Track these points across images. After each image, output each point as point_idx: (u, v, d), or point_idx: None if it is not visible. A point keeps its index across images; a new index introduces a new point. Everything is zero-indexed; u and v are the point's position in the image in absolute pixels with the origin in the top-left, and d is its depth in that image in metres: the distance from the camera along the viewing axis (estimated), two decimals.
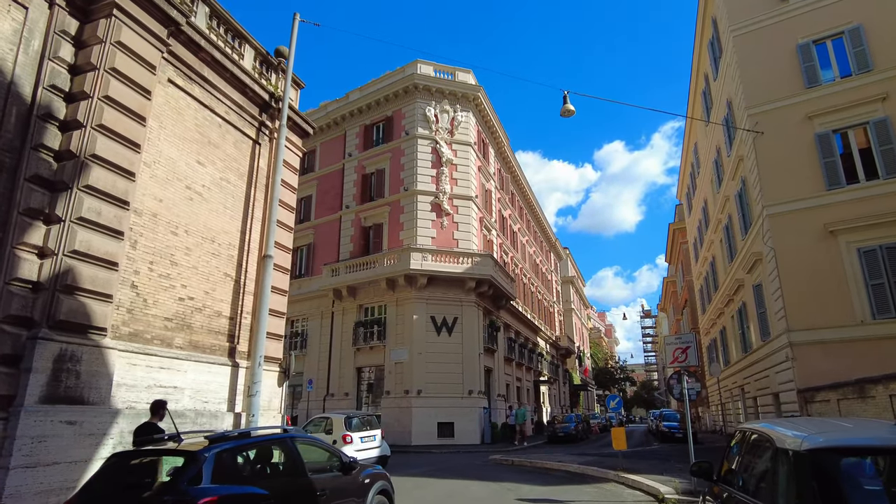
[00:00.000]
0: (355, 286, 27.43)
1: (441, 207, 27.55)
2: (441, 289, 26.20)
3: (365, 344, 26.86)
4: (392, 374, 25.55)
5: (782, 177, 18.19)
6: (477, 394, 25.59)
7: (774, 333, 18.61)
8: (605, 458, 15.58)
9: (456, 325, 26.07)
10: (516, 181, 40.71)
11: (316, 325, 29.53)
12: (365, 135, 30.76)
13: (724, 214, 25.64)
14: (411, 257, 25.33)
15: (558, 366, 51.96)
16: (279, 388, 11.89)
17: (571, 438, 28.43)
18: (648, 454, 17.49)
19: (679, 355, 10.00)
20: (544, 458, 15.47)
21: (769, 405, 20.45)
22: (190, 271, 10.25)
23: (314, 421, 15.12)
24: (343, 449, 13.26)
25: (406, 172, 28.15)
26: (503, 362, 31.38)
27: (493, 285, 27.17)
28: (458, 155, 28.82)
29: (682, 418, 27.99)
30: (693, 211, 37.42)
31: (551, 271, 55.05)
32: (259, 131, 12.50)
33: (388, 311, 26.68)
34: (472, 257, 26.51)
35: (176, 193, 10.13)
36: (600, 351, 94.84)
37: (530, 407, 37.68)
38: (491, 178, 32.83)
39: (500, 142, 35.04)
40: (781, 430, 3.49)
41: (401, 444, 23.84)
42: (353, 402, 26.78)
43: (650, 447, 21.69)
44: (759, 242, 19.50)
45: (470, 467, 14.85)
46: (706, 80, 26.78)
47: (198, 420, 9.59)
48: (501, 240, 34.23)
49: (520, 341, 36.55)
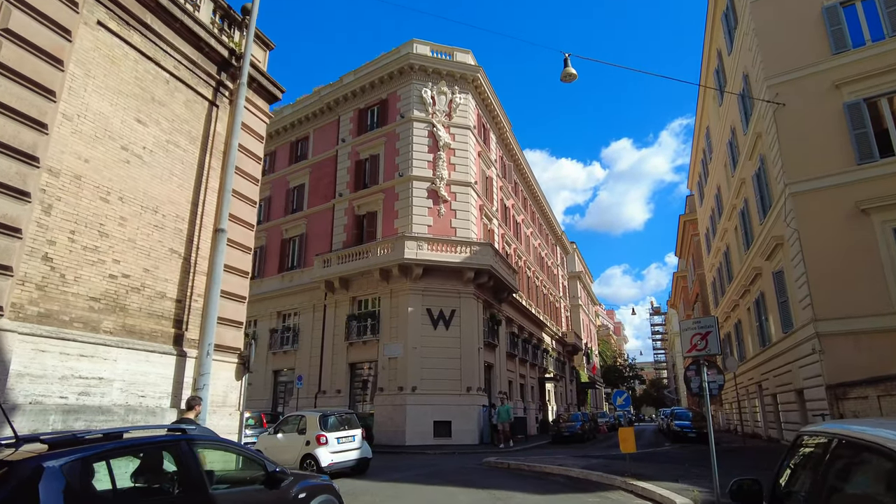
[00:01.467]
0: (348, 278, 25.99)
1: (438, 194, 26.03)
2: (438, 280, 24.70)
3: (358, 338, 25.41)
4: (386, 370, 24.09)
5: (806, 152, 16.55)
6: (476, 391, 24.08)
7: (798, 324, 16.97)
8: (611, 460, 14.03)
9: (454, 318, 24.56)
10: (520, 170, 39.10)
11: (308, 319, 28.12)
12: (359, 119, 29.31)
13: (740, 199, 23.98)
14: (405, 246, 23.84)
15: (565, 363, 50.31)
16: (237, 382, 10.44)
17: (577, 438, 26.83)
18: (660, 457, 15.90)
19: (698, 342, 8.44)
20: (544, 461, 13.93)
21: (791, 403, 18.80)
22: (125, 245, 8.82)
23: (287, 419, 13.69)
24: (317, 451, 11.87)
25: (401, 157, 26.66)
26: (505, 358, 29.83)
27: (493, 276, 25.63)
28: (457, 139, 27.29)
29: (696, 417, 26.33)
30: (705, 200, 35.69)
31: (557, 265, 53.39)
32: (217, 92, 11.05)
33: (382, 304, 25.21)
34: (471, 246, 24.98)
35: (108, 154, 8.70)
36: (609, 348, 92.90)
37: (535, 405, 36.12)
38: (492, 165, 31.27)
39: (501, 127, 33.46)
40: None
41: (394, 444, 22.41)
42: (346, 399, 25.37)
43: (662, 448, 20.08)
44: (780, 225, 17.86)
45: (461, 471, 13.36)
46: (719, 57, 25.10)
47: (129, 417, 8.16)
48: (503, 230, 32.67)
49: (523, 336, 34.97)
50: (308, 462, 12.33)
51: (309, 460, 12.32)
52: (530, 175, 41.29)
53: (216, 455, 5.02)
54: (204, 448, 4.83)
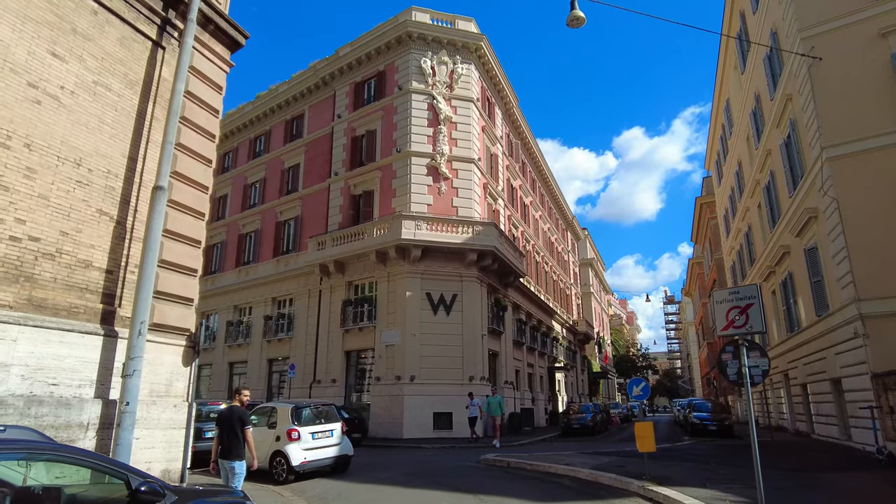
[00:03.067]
0: (343, 261, 24.44)
1: (438, 171, 24.34)
2: (438, 262, 23.07)
3: (354, 325, 23.90)
4: (383, 359, 22.56)
5: (846, 111, 14.66)
6: (479, 380, 22.49)
7: (836, 305, 15.14)
8: (626, 458, 12.38)
9: (455, 302, 22.94)
10: (528, 150, 37.24)
11: (303, 305, 26.66)
12: (355, 93, 27.63)
13: (765, 173, 22.05)
14: (403, 226, 22.21)
15: (576, 352, 48.60)
16: (185, 369, 8.91)
17: (588, 431, 25.21)
18: (681, 453, 14.20)
19: (736, 317, 6.77)
20: (549, 459, 12.30)
21: (825, 393, 17.00)
22: (34, 202, 7.28)
23: (259, 410, 12.17)
24: (288, 448, 10.33)
25: (399, 132, 24.97)
26: (511, 346, 28.21)
27: (497, 258, 23.94)
28: (458, 112, 25.53)
29: (716, 408, 24.56)
30: (724, 179, 33.66)
31: (568, 252, 51.53)
32: (163, 32, 9.43)
33: (379, 288, 23.65)
34: (474, 226, 23.29)
35: (8, 90, 7.13)
36: (621, 338, 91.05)
37: (544, 396, 34.50)
38: (497, 142, 29.47)
39: (507, 102, 31.61)
40: None
41: (392, 437, 20.96)
42: (342, 389, 23.92)
43: (680, 444, 18.37)
44: (815, 196, 16.00)
45: (454, 471, 11.78)
46: (742, 19, 23.07)
47: (30, 410, 6.64)
48: (510, 211, 30.91)
49: (531, 324, 33.30)
50: (278, 460, 10.82)
51: (279, 458, 10.81)
52: (539, 156, 39.42)
53: (47, 468, 3.44)
54: (31, 456, 3.25)
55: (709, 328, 55.81)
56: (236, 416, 7.30)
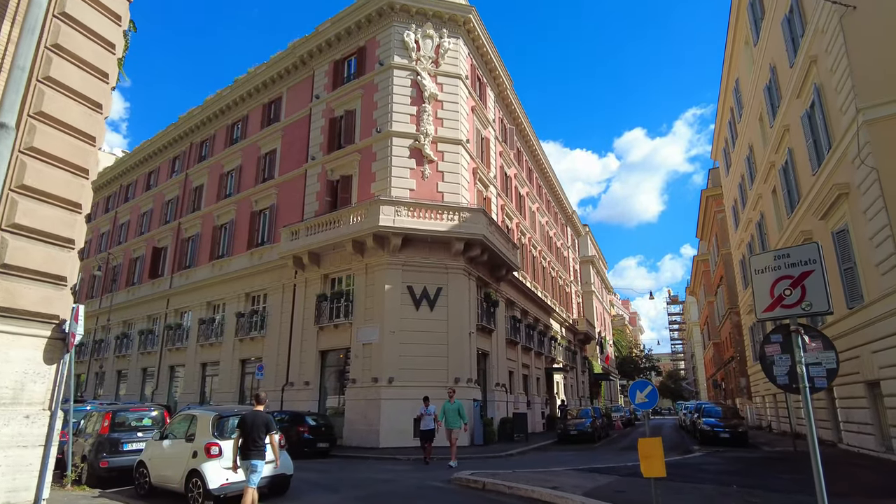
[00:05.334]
0: (318, 252, 22.33)
1: (422, 153, 22.20)
2: (420, 252, 20.94)
3: (329, 322, 21.78)
4: (359, 359, 20.42)
5: (886, 66, 12.50)
6: (466, 383, 20.34)
7: (873, 295, 12.94)
8: (629, 479, 10.22)
9: (440, 297, 20.79)
10: (524, 137, 35.07)
11: (277, 300, 24.54)
12: (335, 72, 25.53)
13: (781, 152, 19.90)
14: (381, 211, 20.08)
15: (576, 352, 46.37)
16: (48, 367, 6.79)
17: (587, 438, 23.03)
18: (692, 471, 11.98)
19: (786, 292, 4.63)
20: (534, 480, 10.11)
21: (857, 398, 14.80)
22: None
23: (179, 419, 10.04)
24: (205, 466, 8.18)
25: (379, 111, 22.84)
26: (504, 345, 26.03)
27: (487, 249, 21.80)
28: (445, 90, 23.40)
29: (727, 413, 22.33)
30: (732, 167, 31.47)
31: (568, 247, 49.33)
32: None
33: (357, 281, 21.52)
34: (460, 212, 21.14)
35: None
36: (624, 339, 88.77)
37: (541, 398, 32.31)
38: (489, 125, 27.33)
39: (500, 83, 29.47)
40: None
41: (367, 446, 18.82)
42: (315, 392, 21.80)
43: (690, 456, 16.13)
44: (846, 169, 13.84)
45: (415, 494, 9.66)
46: None
47: None
48: (503, 201, 28.75)
49: (527, 322, 31.12)
50: (194, 481, 8.69)
51: (195, 479, 8.68)
52: (537, 145, 37.25)
53: None
54: None
55: (714, 327, 53.58)
56: (262, 421, 7.87)
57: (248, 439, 7.72)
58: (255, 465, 7.66)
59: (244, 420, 7.88)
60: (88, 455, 10.80)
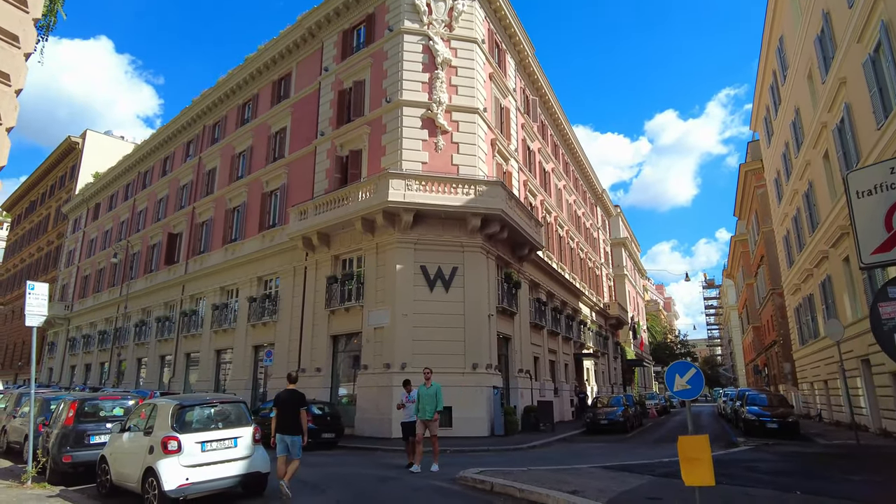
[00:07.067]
0: (327, 231, 21.08)
1: (435, 123, 20.64)
2: (434, 229, 19.47)
3: (340, 305, 20.54)
4: (370, 343, 19.16)
5: None
6: (486, 369, 18.89)
7: None
8: (665, 480, 8.63)
9: (455, 277, 19.32)
10: (549, 111, 33.11)
11: (288, 284, 23.46)
12: (343, 42, 24.09)
13: (836, 110, 17.72)
14: (390, 185, 18.64)
15: (607, 338, 44.39)
16: None
17: (618, 428, 21.37)
18: (741, 471, 10.25)
19: None
20: (552, 482, 8.59)
21: None
22: None
23: (140, 408, 8.84)
24: (160, 464, 6.96)
25: (389, 80, 21.34)
26: (528, 329, 24.45)
27: (506, 225, 20.19)
28: (459, 55, 21.73)
29: (773, 402, 20.32)
30: (775, 136, 28.98)
31: (598, 228, 47.16)
32: None
33: (367, 262, 20.21)
34: (476, 186, 19.55)
35: None
36: (658, 324, 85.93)
37: (569, 385, 30.61)
38: (509, 94, 25.53)
39: (521, 51, 27.58)
40: None
41: (379, 436, 17.61)
42: (328, 378, 20.67)
43: (735, 451, 14.29)
44: None
45: (412, 497, 8.25)
46: None
47: None
48: (525, 176, 26.99)
49: (553, 305, 29.42)
50: (150, 481, 7.47)
51: (150, 478, 7.45)
52: (563, 119, 35.21)
53: None
54: None
55: (754, 311, 50.80)
56: (297, 398, 8.63)
57: (284, 415, 8.42)
58: (296, 440, 8.36)
59: (279, 398, 8.62)
60: (52, 448, 9.73)
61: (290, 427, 8.36)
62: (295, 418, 8.39)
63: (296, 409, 8.45)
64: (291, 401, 8.52)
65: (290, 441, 8.32)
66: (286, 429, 8.35)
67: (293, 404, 8.49)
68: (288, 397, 8.56)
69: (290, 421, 8.38)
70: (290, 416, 8.40)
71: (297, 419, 8.40)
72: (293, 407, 8.46)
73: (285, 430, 8.35)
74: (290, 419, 8.38)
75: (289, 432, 8.33)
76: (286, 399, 8.54)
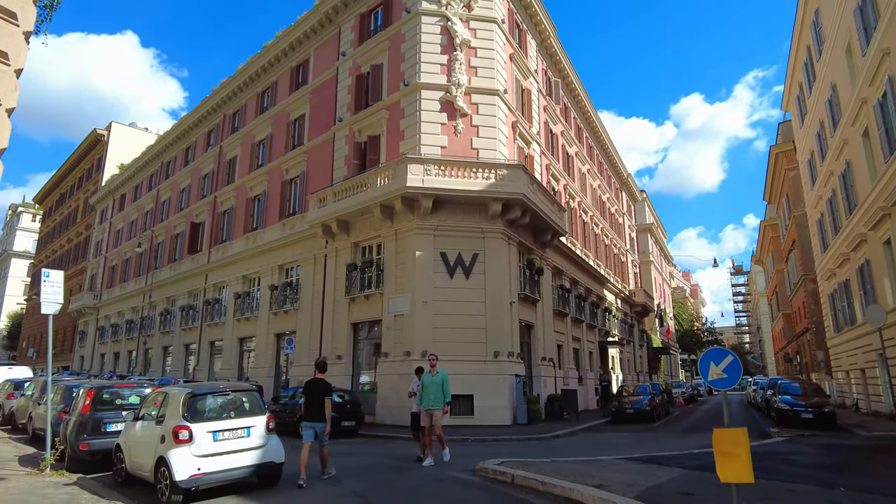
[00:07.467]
0: (346, 218, 20.85)
1: (454, 105, 20.17)
2: (454, 215, 19.09)
3: (360, 293, 20.35)
4: (390, 331, 18.94)
5: None
6: (507, 356, 18.53)
7: None
8: (696, 473, 8.18)
9: (476, 264, 18.94)
10: (572, 93, 32.31)
11: (308, 272, 23.36)
12: (361, 26, 23.70)
13: (878, 83, 16.80)
14: (409, 171, 18.28)
15: (633, 325, 43.62)
16: None
17: (644, 417, 20.87)
18: (777, 464, 9.75)
19: None
20: (575, 475, 8.22)
21: None
22: None
23: (152, 397, 8.70)
24: (171, 454, 6.79)
25: (407, 63, 20.91)
26: (552, 316, 23.98)
27: (528, 210, 19.70)
28: (479, 35, 21.17)
29: (808, 391, 19.57)
30: (809, 115, 27.78)
31: (623, 214, 46.21)
32: None
33: (386, 249, 19.96)
34: (497, 170, 19.07)
35: None
36: (685, 311, 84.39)
37: (594, 374, 30.09)
38: (530, 76, 24.88)
39: (543, 31, 26.84)
40: None
41: (400, 424, 17.30)
42: (349, 366, 20.54)
43: (770, 441, 13.73)
44: None
45: (428, 488, 7.97)
46: None
47: None
48: (548, 160, 26.37)
49: (577, 292, 28.86)
50: (162, 471, 7.31)
51: (162, 468, 7.29)
52: (586, 101, 34.36)
53: None
54: None
55: (784, 297, 49.36)
56: (322, 387, 8.88)
57: (310, 404, 8.76)
58: (323, 427, 8.66)
59: (307, 385, 8.99)
60: (69, 436, 9.69)
61: (316, 415, 8.65)
62: (319, 406, 8.66)
63: (320, 397, 8.71)
64: (316, 389, 8.81)
65: (319, 429, 8.63)
66: (312, 416, 8.66)
67: (318, 392, 8.77)
68: (313, 386, 8.87)
69: (316, 409, 8.66)
70: (316, 405, 8.69)
71: (321, 407, 8.65)
72: (318, 395, 8.74)
73: (311, 417, 8.66)
74: (317, 407, 8.67)
75: (315, 420, 8.64)
76: (314, 387, 8.84)
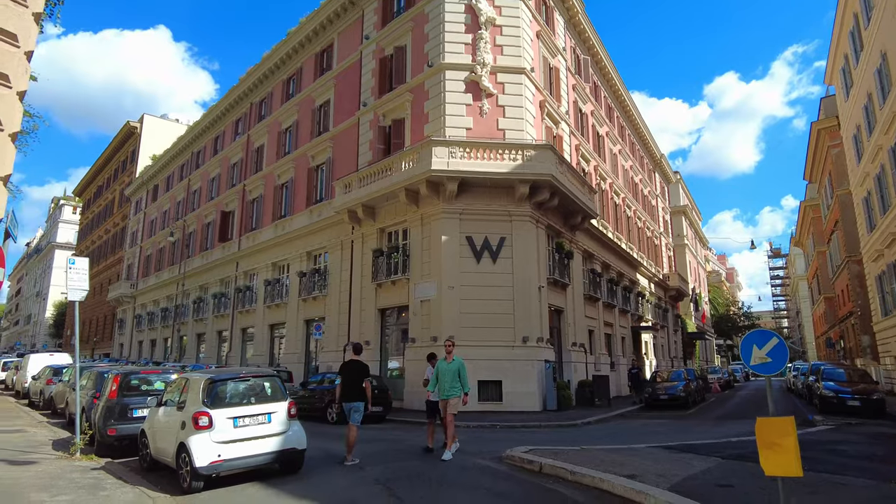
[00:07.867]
0: (371, 204, 20.68)
1: (479, 86, 19.69)
2: (481, 199, 18.70)
3: (387, 278, 20.22)
4: (417, 317, 18.77)
5: None
6: (536, 342, 18.16)
7: None
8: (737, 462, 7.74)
9: (503, 248, 18.54)
10: (602, 71, 31.35)
11: (336, 258, 23.33)
12: (384, 8, 23.32)
13: None
14: (433, 153, 17.93)
15: (667, 310, 42.60)
16: None
17: (679, 403, 20.29)
18: (823, 451, 9.21)
19: None
20: (611, 460, 7.88)
21: None
22: None
23: (175, 383, 8.65)
24: (192, 440, 6.72)
25: (431, 43, 20.49)
26: (582, 301, 23.47)
27: (557, 192, 19.17)
28: (504, 13, 20.58)
29: (853, 377, 18.67)
30: (855, 87, 26.32)
31: (656, 196, 44.98)
32: None
33: (412, 234, 19.72)
34: (524, 150, 18.57)
35: None
36: (720, 296, 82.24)
37: (627, 360, 29.48)
38: (558, 53, 24.16)
39: (570, 8, 25.98)
40: None
41: None
42: (377, 352, 20.49)
43: (813, 429, 13.07)
44: None
45: (454, 476, 7.74)
46: None
47: None
48: (577, 140, 25.66)
49: (609, 276, 28.19)
50: (182, 457, 7.25)
51: (183, 454, 7.23)
52: (617, 80, 33.33)
53: None
54: None
55: (826, 280, 47.48)
56: (359, 368, 9.22)
57: (345, 384, 9.06)
58: (359, 406, 8.98)
59: (344, 367, 9.32)
60: (98, 421, 9.79)
61: (353, 394, 8.95)
62: (355, 387, 9.00)
63: (358, 377, 9.06)
64: (354, 369, 9.13)
65: (354, 407, 8.89)
66: (349, 397, 8.96)
67: (355, 373, 9.10)
68: (350, 367, 9.17)
69: (352, 389, 8.98)
70: (351, 385, 9.00)
71: (358, 387, 9.00)
72: (355, 375, 9.07)
73: (348, 398, 8.96)
74: (351, 388, 8.99)
75: (352, 400, 8.92)
76: (350, 369, 9.14)
